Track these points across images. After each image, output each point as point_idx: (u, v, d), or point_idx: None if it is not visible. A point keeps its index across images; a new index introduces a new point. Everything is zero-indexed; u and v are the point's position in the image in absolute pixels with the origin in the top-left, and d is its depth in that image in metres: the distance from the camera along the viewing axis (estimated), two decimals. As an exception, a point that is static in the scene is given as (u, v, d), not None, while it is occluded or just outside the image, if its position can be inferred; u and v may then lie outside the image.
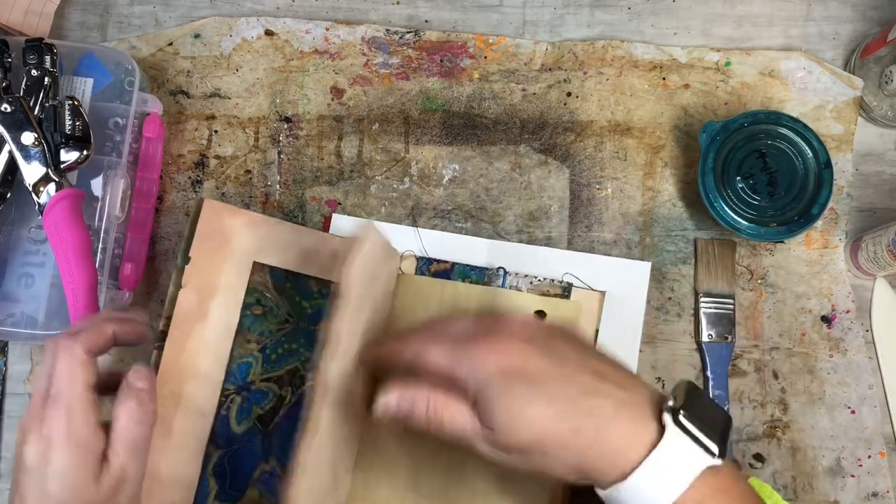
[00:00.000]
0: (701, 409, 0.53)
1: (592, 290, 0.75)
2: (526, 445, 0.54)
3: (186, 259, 0.73)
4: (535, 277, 0.75)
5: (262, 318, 0.74)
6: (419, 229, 0.77)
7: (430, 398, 0.56)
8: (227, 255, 0.73)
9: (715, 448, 0.52)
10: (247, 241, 0.73)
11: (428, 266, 0.75)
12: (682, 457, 0.52)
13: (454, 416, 0.56)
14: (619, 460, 0.52)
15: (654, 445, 0.52)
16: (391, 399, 0.58)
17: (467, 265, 0.75)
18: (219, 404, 0.73)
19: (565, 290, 0.74)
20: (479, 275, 0.75)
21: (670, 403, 0.53)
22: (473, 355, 0.55)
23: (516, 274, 0.75)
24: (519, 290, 0.74)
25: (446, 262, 0.75)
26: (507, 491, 0.70)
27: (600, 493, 0.54)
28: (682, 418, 0.52)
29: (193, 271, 0.73)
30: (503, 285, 0.74)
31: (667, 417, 0.52)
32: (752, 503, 0.54)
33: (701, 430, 0.52)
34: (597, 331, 0.74)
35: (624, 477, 0.52)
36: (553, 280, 0.75)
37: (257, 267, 0.74)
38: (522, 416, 0.53)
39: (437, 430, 0.57)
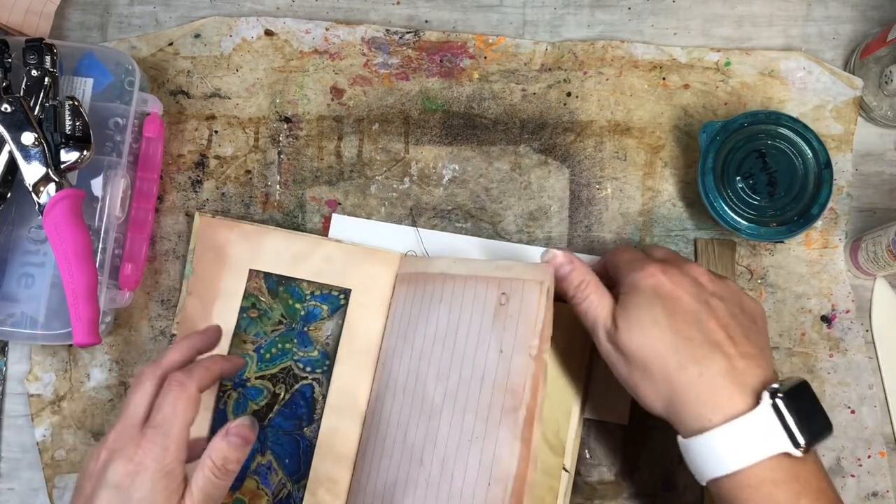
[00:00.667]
0: (803, 404, 0.56)
1: None
2: (635, 354, 0.60)
3: (191, 270, 0.76)
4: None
5: (257, 321, 0.77)
6: (419, 229, 0.77)
7: (588, 277, 0.64)
8: (225, 265, 0.77)
9: (801, 439, 0.54)
10: (242, 251, 0.77)
11: None
12: (763, 433, 0.55)
13: (598, 299, 0.63)
14: (706, 414, 0.56)
15: (741, 415, 0.55)
16: (559, 255, 0.64)
17: None
18: (217, 399, 0.76)
19: None
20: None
21: (775, 386, 0.56)
22: (647, 265, 0.62)
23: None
24: None
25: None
26: None
27: (679, 439, 0.59)
28: (778, 400, 0.55)
29: (197, 281, 0.76)
30: None
31: (765, 395, 0.56)
32: (833, 500, 0.56)
33: (794, 419, 0.55)
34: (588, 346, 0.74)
35: (702, 431, 0.56)
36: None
37: (253, 273, 0.77)
38: (646, 330, 0.59)
39: (577, 303, 0.64)
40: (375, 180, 0.79)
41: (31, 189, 0.67)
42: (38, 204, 0.67)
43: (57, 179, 0.67)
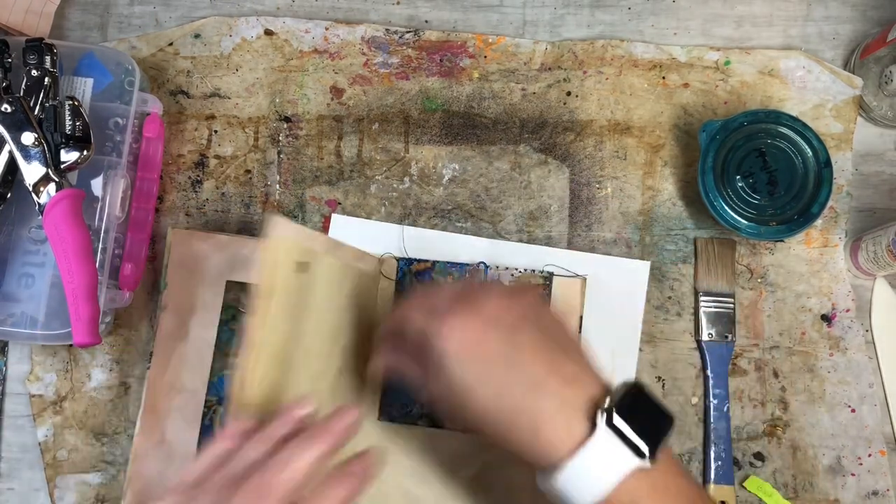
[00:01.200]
0: (639, 410, 0.54)
1: (576, 275, 0.75)
2: (470, 423, 0.56)
3: (164, 284, 0.76)
4: (516, 269, 0.75)
5: (238, 333, 0.76)
6: (404, 227, 0.77)
7: (391, 357, 0.63)
8: (201, 278, 0.76)
9: (645, 448, 0.52)
10: (218, 263, 0.76)
11: (409, 266, 0.76)
12: (610, 456, 0.52)
13: (407, 361, 0.61)
14: (552, 456, 0.53)
15: (583, 443, 0.52)
16: (370, 368, 0.65)
17: (448, 262, 0.75)
18: (203, 415, 0.75)
19: (546, 280, 0.75)
20: (460, 271, 0.75)
21: (605, 404, 0.53)
22: (440, 329, 0.56)
23: (497, 267, 0.75)
24: (502, 283, 0.75)
25: (427, 261, 0.76)
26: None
27: (538, 483, 0.55)
28: (615, 418, 0.52)
29: (171, 295, 0.76)
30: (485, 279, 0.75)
31: (599, 417, 0.52)
32: (693, 498, 0.54)
33: (635, 430, 0.52)
34: (581, 318, 0.75)
35: (553, 472, 0.52)
36: (534, 271, 0.75)
37: (231, 285, 0.76)
38: (469, 396, 0.55)
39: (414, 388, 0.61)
40: (375, 180, 0.79)
41: (31, 189, 0.67)
42: (38, 204, 0.67)
43: (57, 179, 0.67)
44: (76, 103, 0.69)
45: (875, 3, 0.80)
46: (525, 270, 0.75)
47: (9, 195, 0.71)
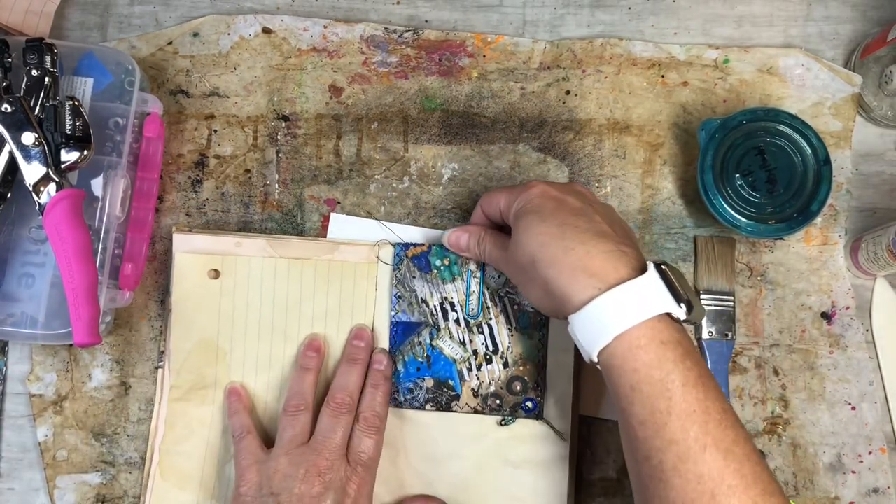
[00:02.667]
0: (682, 281, 0.60)
1: None
2: (526, 256, 0.63)
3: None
4: None
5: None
6: (385, 223, 0.78)
7: (480, 233, 0.72)
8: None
9: (683, 301, 0.58)
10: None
11: (405, 251, 0.76)
12: (650, 295, 0.58)
13: (492, 241, 0.70)
14: (593, 283, 0.58)
15: (628, 280, 0.58)
16: (449, 237, 0.74)
17: (444, 245, 0.75)
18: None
19: None
20: (456, 254, 0.75)
21: (657, 260, 0.60)
22: (530, 184, 0.66)
23: None
24: None
25: (422, 244, 0.76)
26: None
27: (569, 324, 0.60)
28: (664, 267, 0.59)
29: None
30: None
31: (650, 264, 0.59)
32: (705, 369, 0.57)
33: (678, 288, 0.59)
34: None
35: (591, 300, 0.58)
36: None
37: None
38: (533, 230, 0.62)
39: (484, 258, 0.72)
40: (375, 179, 0.79)
41: (31, 189, 0.67)
42: (39, 204, 0.67)
43: (57, 179, 0.67)
44: (76, 103, 0.69)
45: (875, 3, 0.80)
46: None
47: (9, 195, 0.71)
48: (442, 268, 0.75)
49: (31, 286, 0.72)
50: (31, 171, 0.67)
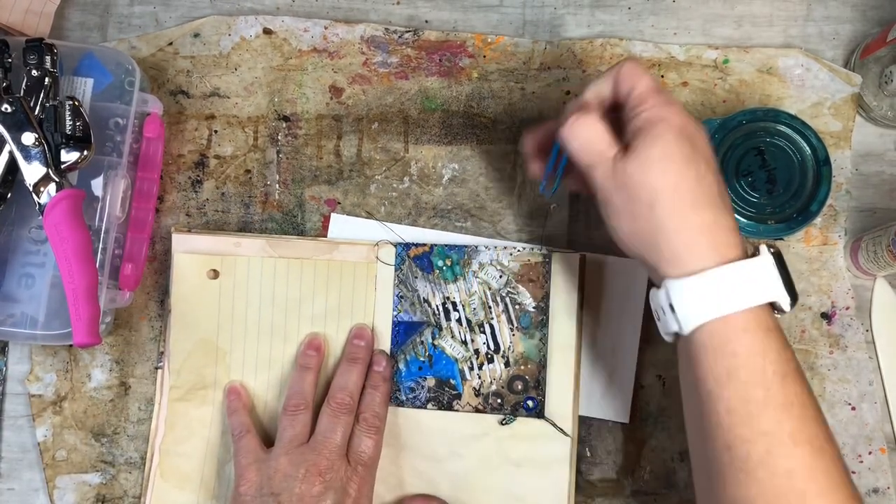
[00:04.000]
0: (787, 269, 0.58)
1: (574, 252, 0.76)
2: (645, 186, 0.57)
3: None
4: (515, 248, 0.75)
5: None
6: (386, 223, 0.78)
7: (584, 114, 0.60)
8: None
9: (789, 290, 0.57)
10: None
11: (406, 251, 0.76)
12: (763, 280, 0.56)
13: (600, 130, 0.60)
14: (710, 255, 0.55)
15: (743, 260, 0.56)
16: (528, 139, 0.69)
17: (446, 245, 0.76)
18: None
19: (545, 258, 0.75)
20: (458, 253, 0.76)
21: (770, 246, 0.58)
22: (675, 102, 0.59)
23: (495, 247, 0.76)
24: (501, 262, 0.75)
25: (424, 244, 0.76)
26: None
27: (667, 283, 0.57)
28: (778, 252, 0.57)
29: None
30: (483, 260, 0.76)
31: (764, 248, 0.57)
32: (798, 362, 0.56)
33: (786, 276, 0.57)
34: (581, 296, 0.75)
35: (702, 271, 0.55)
36: (533, 248, 0.75)
37: None
38: (669, 163, 0.56)
39: (576, 141, 0.60)
40: (375, 180, 0.79)
41: (31, 189, 0.67)
42: (39, 204, 0.67)
43: (57, 179, 0.67)
44: (76, 103, 0.69)
45: (875, 3, 0.80)
46: (524, 249, 0.75)
47: (9, 195, 0.71)
48: (444, 268, 0.76)
49: (31, 286, 0.72)
50: (31, 172, 0.67)
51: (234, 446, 0.72)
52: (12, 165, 0.69)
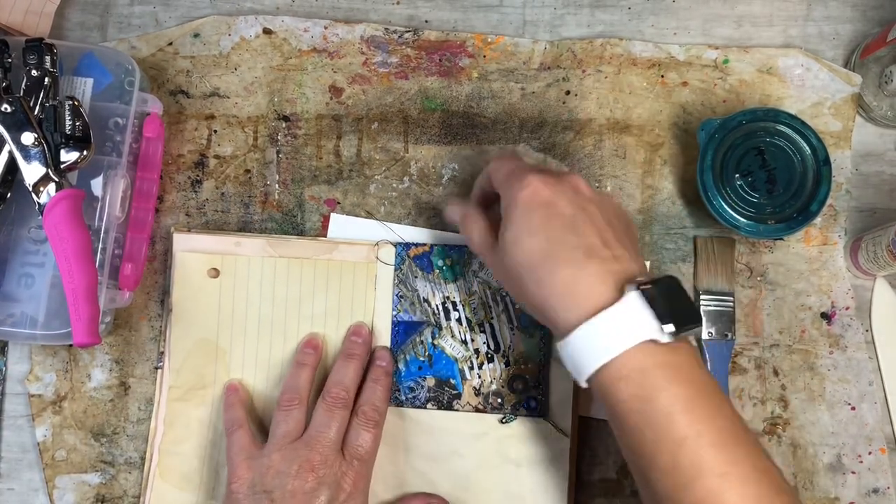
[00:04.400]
0: (671, 295, 0.57)
1: None
2: (513, 266, 0.61)
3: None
4: None
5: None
6: (386, 223, 0.78)
7: (469, 214, 0.68)
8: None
9: (667, 325, 0.55)
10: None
11: (406, 251, 0.76)
12: (631, 321, 0.55)
13: (477, 229, 0.67)
14: (578, 311, 0.57)
15: (611, 305, 0.56)
16: (447, 212, 0.72)
17: (446, 245, 0.76)
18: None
19: None
20: (458, 253, 0.76)
21: (641, 279, 0.57)
22: (525, 176, 0.62)
23: None
24: None
25: (424, 244, 0.76)
26: None
27: (556, 347, 0.59)
28: (643, 289, 0.56)
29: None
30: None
31: (629, 286, 0.56)
32: (702, 385, 0.56)
33: (664, 309, 0.56)
34: None
35: (576, 327, 0.56)
36: None
37: None
38: (522, 240, 0.60)
39: (468, 239, 0.68)
40: (375, 179, 0.79)
41: (31, 189, 0.67)
42: (38, 204, 0.67)
43: (57, 179, 0.67)
44: (76, 103, 0.69)
45: (875, 3, 0.80)
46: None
47: (9, 195, 0.71)
48: (444, 268, 0.76)
49: (31, 286, 0.72)
50: (31, 172, 0.67)
51: (227, 441, 0.72)
52: (12, 165, 0.69)
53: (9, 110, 0.67)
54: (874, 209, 0.78)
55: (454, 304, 0.76)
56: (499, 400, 0.74)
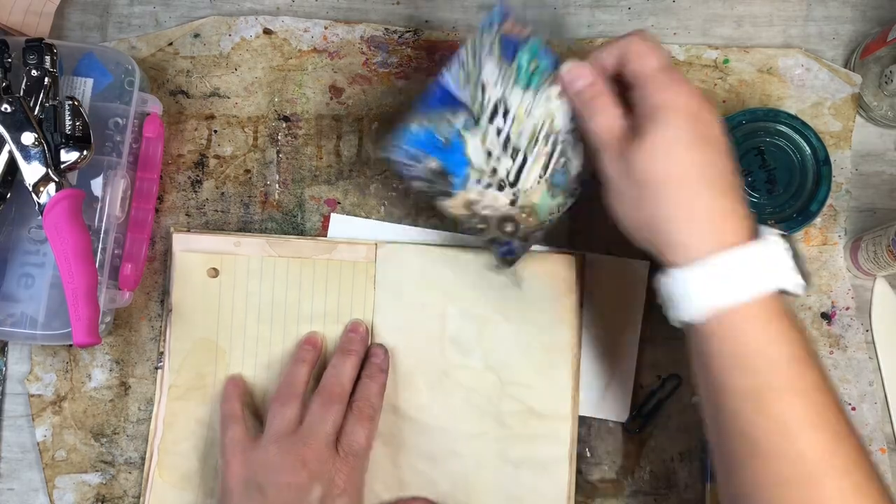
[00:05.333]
0: (798, 252, 0.56)
1: (572, 252, 0.76)
2: (652, 172, 0.56)
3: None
4: None
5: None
6: (386, 223, 0.77)
7: (603, 92, 0.61)
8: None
9: (802, 276, 0.55)
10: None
11: (502, 21, 0.66)
12: (775, 264, 0.54)
13: (613, 115, 0.60)
14: (714, 242, 0.54)
15: (753, 245, 0.54)
16: (568, 68, 0.63)
17: (547, 44, 0.67)
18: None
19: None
20: (549, 64, 0.67)
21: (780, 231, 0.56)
22: (683, 82, 0.58)
23: None
24: None
25: (525, 27, 0.67)
26: None
27: (673, 272, 0.56)
28: (787, 240, 0.55)
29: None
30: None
31: (768, 231, 0.56)
32: (810, 343, 0.55)
33: (799, 260, 0.56)
34: (581, 296, 0.75)
35: (710, 255, 0.54)
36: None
37: None
38: (675, 149, 0.56)
39: (586, 119, 0.61)
40: (375, 179, 0.79)
41: (31, 189, 0.67)
42: (38, 204, 0.67)
43: (57, 179, 0.67)
44: (76, 103, 0.69)
45: (875, 3, 0.80)
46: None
47: (9, 195, 0.71)
48: (524, 67, 0.66)
49: (31, 286, 0.72)
50: (31, 172, 0.67)
51: (220, 432, 0.72)
52: (12, 165, 0.69)
53: (9, 110, 0.67)
54: (874, 209, 0.78)
55: (507, 111, 0.67)
56: (480, 227, 0.69)
